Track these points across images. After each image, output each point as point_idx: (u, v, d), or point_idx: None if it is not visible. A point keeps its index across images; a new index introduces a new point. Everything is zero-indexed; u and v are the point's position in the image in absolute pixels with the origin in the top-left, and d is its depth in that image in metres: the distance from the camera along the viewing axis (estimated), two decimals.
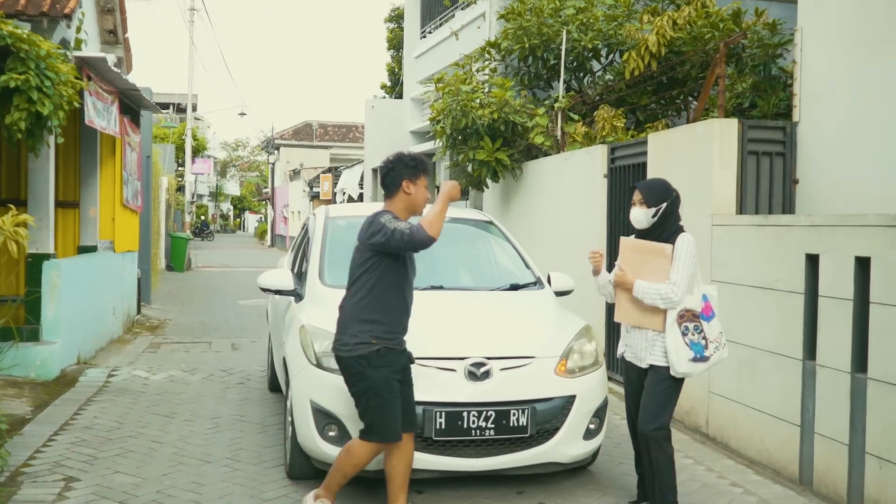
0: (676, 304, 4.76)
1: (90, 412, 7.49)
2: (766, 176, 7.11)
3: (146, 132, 15.02)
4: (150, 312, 14.90)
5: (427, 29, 19.61)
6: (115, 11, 11.55)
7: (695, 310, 4.81)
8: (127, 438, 6.67)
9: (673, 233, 4.89)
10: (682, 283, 4.74)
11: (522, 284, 6.36)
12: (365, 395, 4.67)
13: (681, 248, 4.79)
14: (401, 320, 4.79)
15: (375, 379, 4.65)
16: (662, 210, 4.88)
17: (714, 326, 4.86)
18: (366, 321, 4.67)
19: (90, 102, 9.57)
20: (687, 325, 4.79)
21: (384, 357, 4.67)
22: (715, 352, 4.83)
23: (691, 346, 4.77)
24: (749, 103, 9.91)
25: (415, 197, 4.80)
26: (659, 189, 4.96)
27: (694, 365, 4.78)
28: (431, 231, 4.51)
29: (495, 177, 11.90)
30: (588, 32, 11.76)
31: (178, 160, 28.88)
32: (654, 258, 4.84)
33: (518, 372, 5.20)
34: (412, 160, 4.83)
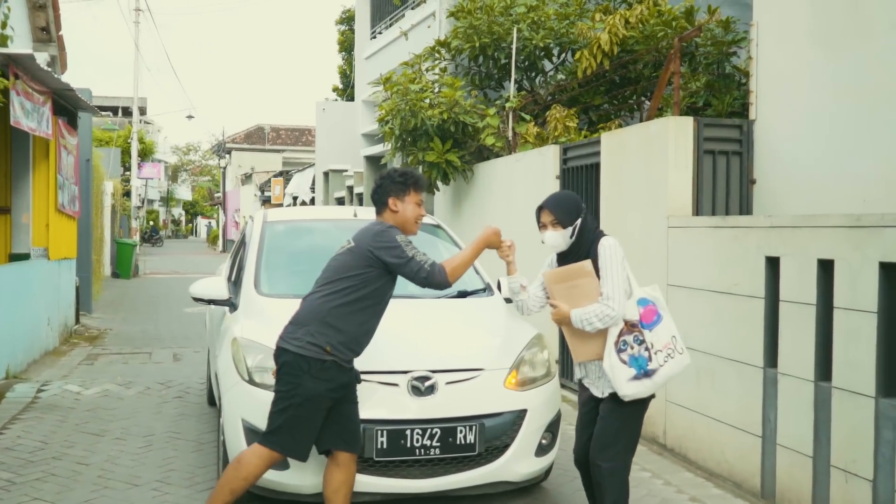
0: (616, 319, 4.21)
1: (13, 432, 7.02)
2: (723, 176, 6.87)
3: (85, 135, 14.47)
4: (90, 322, 14.35)
5: (377, 29, 19.27)
6: (48, 8, 11.03)
7: (632, 319, 4.23)
8: (50, 460, 6.22)
9: (591, 243, 4.31)
10: (617, 294, 4.18)
11: (471, 291, 6.03)
12: (288, 400, 4.32)
13: (604, 256, 4.23)
14: (362, 339, 4.47)
15: (309, 389, 4.30)
16: (578, 227, 4.32)
17: (661, 332, 4.25)
18: (329, 325, 4.33)
19: (17, 102, 9.09)
20: (625, 338, 4.22)
21: (328, 371, 4.32)
22: (666, 360, 4.22)
23: (630, 362, 4.19)
24: (703, 102, 9.72)
25: (403, 214, 4.55)
26: (571, 205, 4.38)
27: (637, 384, 4.17)
28: (451, 278, 4.33)
29: (446, 179, 11.59)
30: (539, 31, 11.50)
31: (124, 164, 28.14)
32: (579, 281, 4.29)
33: (465, 385, 4.88)
34: (400, 176, 4.56)
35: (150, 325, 14.58)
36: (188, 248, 57.29)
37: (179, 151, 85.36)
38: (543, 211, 4.42)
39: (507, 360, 5.11)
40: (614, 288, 4.19)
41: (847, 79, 6.30)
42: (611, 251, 4.24)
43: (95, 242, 17.96)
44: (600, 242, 4.27)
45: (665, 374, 4.25)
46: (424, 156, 11.38)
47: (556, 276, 4.42)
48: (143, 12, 28.36)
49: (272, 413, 4.36)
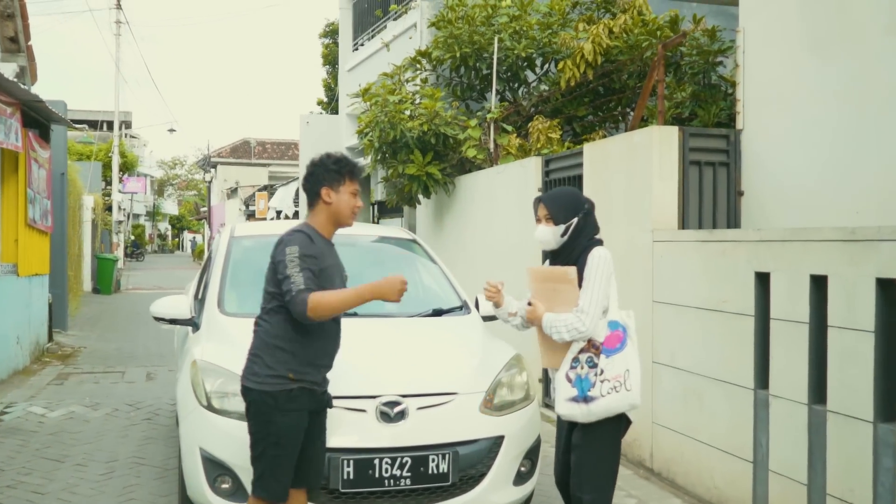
0: (586, 335, 3.89)
1: None
2: (710, 188, 6.62)
3: (59, 148, 14.13)
4: (64, 339, 13.98)
5: (359, 41, 19.01)
6: (16, 17, 10.73)
7: (595, 339, 3.93)
8: (4, 489, 5.90)
9: (584, 250, 4.02)
10: (593, 310, 3.88)
11: (447, 309, 5.73)
12: (263, 441, 3.96)
13: (591, 267, 3.93)
14: (324, 351, 4.05)
15: (281, 425, 3.94)
16: (573, 227, 4.04)
17: (617, 362, 3.92)
18: (281, 350, 3.93)
19: None
20: (580, 356, 3.95)
21: (297, 399, 3.94)
22: (609, 394, 3.87)
23: (575, 381, 3.92)
24: (689, 113, 9.49)
25: (336, 206, 4.04)
26: (568, 202, 4.10)
27: (573, 406, 3.91)
28: (311, 313, 3.77)
29: (426, 192, 11.30)
30: (521, 41, 11.25)
31: (106, 178, 27.78)
32: (560, 286, 4.01)
33: (438, 411, 4.57)
34: (335, 163, 4.07)
35: (127, 342, 14.22)
36: (173, 262, 56.77)
37: (165, 166, 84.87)
38: (540, 204, 4.15)
39: (482, 383, 4.81)
40: (591, 302, 3.90)
41: (837, 85, 6.06)
42: (599, 263, 3.95)
43: (72, 258, 17.59)
44: (591, 251, 3.98)
45: (603, 406, 3.91)
46: (405, 168, 11.10)
47: (540, 274, 4.19)
48: (123, 24, 28.05)
49: (252, 458, 4.00)
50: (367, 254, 6.32)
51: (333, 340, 4.11)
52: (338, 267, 4.16)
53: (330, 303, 3.83)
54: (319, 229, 4.07)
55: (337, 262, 4.17)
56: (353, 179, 4.10)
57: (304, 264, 3.86)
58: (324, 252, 4.02)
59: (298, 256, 3.87)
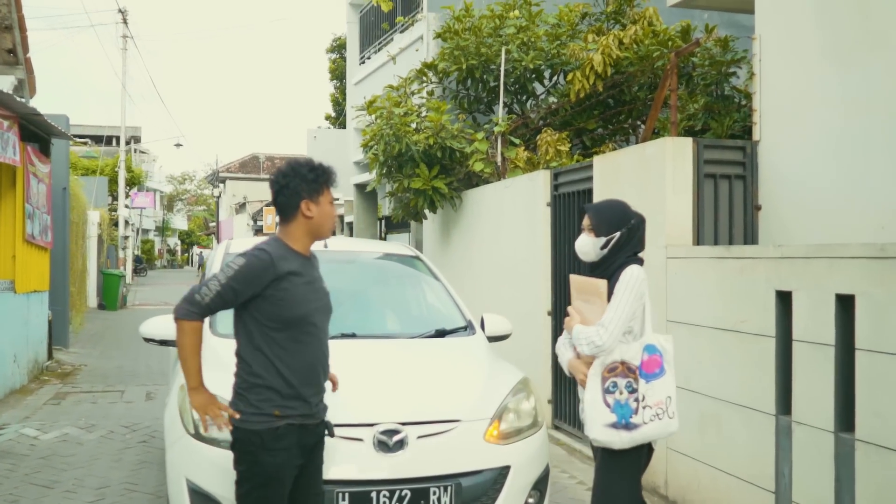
0: (602, 351, 3.75)
1: None
2: (726, 201, 6.34)
3: (61, 162, 13.93)
4: (65, 357, 13.73)
5: (366, 54, 18.84)
6: (14, 29, 10.53)
7: (630, 362, 3.78)
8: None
9: (621, 266, 3.88)
10: (614, 326, 3.73)
11: (450, 330, 5.45)
12: (249, 481, 3.64)
13: (622, 283, 3.79)
14: (309, 381, 3.69)
15: (268, 466, 3.61)
16: (615, 240, 3.90)
17: (659, 388, 3.81)
18: (264, 388, 3.61)
19: None
20: (616, 380, 3.77)
21: (285, 437, 3.62)
22: (651, 421, 3.76)
23: (615, 407, 3.75)
24: (702, 125, 9.23)
25: (318, 219, 3.71)
26: (613, 214, 3.97)
27: (612, 433, 3.73)
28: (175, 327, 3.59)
29: (433, 207, 11.05)
30: (529, 52, 11.02)
31: (112, 193, 27.64)
32: (592, 298, 3.89)
33: (439, 440, 4.29)
34: (311, 171, 3.70)
35: (129, 360, 13.97)
36: (181, 277, 56.57)
37: (175, 181, 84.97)
38: (585, 214, 4.05)
39: (487, 409, 4.53)
40: (614, 319, 3.74)
41: (858, 94, 5.79)
42: (631, 280, 3.81)
43: (75, 273, 17.40)
44: (626, 268, 3.84)
45: (647, 433, 3.79)
46: (410, 182, 10.85)
47: (578, 285, 4.04)
48: (129, 39, 27.96)
49: (238, 496, 3.70)
50: (367, 272, 6.07)
51: (320, 366, 3.78)
52: (318, 282, 3.84)
53: (182, 345, 3.59)
54: (294, 244, 3.72)
55: (317, 277, 3.85)
56: (331, 187, 3.79)
57: (234, 284, 3.55)
58: (300, 271, 3.69)
59: (238, 273, 3.56)
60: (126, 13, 27.80)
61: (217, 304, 3.57)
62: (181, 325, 3.57)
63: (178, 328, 3.58)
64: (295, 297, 3.63)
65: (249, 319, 3.64)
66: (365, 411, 4.27)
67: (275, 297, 3.59)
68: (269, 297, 3.59)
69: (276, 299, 3.59)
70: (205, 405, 3.62)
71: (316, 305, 3.73)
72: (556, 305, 8.19)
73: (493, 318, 5.70)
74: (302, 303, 3.64)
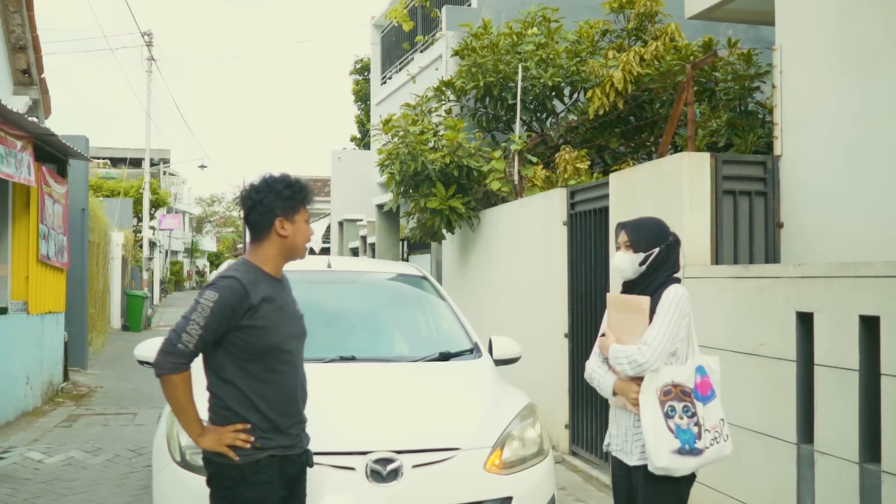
0: (644, 370, 3.57)
1: None
2: (746, 219, 6.07)
3: (79, 183, 13.87)
4: (81, 378, 13.64)
5: (387, 74, 18.77)
6: (28, 49, 10.51)
7: (685, 385, 3.62)
8: None
9: (661, 285, 3.75)
10: (657, 344, 3.57)
11: (455, 353, 5.22)
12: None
13: (665, 302, 3.64)
14: (288, 411, 3.47)
15: (249, 500, 3.39)
16: (654, 257, 3.77)
17: (713, 411, 3.67)
18: (237, 415, 3.39)
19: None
20: (673, 404, 3.60)
21: (266, 470, 3.39)
22: (712, 444, 3.61)
23: (677, 432, 3.56)
24: (724, 141, 8.96)
25: (292, 239, 3.47)
26: (651, 230, 3.85)
27: (679, 459, 3.54)
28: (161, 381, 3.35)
29: (450, 227, 10.85)
30: (548, 69, 10.82)
31: (137, 215, 27.73)
32: (632, 315, 3.72)
33: (437, 469, 4.06)
34: (287, 187, 3.46)
35: (146, 382, 13.80)
36: None
37: (203, 203, 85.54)
38: (621, 231, 3.89)
39: (489, 437, 4.29)
40: (657, 337, 3.59)
41: (883, 106, 5.52)
42: (674, 300, 3.67)
43: (96, 294, 17.36)
44: (668, 287, 3.71)
45: (709, 457, 3.63)
46: (427, 202, 10.66)
47: (616, 303, 3.88)
48: (154, 61, 28.13)
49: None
50: (371, 292, 5.87)
51: (299, 395, 3.55)
52: (290, 305, 3.59)
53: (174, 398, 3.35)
54: (265, 266, 3.48)
55: (289, 300, 3.60)
56: (307, 205, 3.54)
57: (213, 323, 3.31)
58: (272, 296, 3.45)
59: (214, 310, 3.31)
60: (151, 35, 28.06)
61: (200, 348, 3.34)
62: (170, 380, 3.32)
63: (167, 383, 3.32)
64: (269, 325, 3.40)
65: (219, 352, 3.41)
66: (358, 438, 4.06)
67: (249, 328, 3.36)
68: (243, 328, 3.36)
69: (251, 330, 3.36)
70: (217, 441, 3.37)
71: (289, 332, 3.50)
72: (573, 327, 7.94)
73: (502, 341, 5.47)
74: (275, 331, 3.42)
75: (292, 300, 3.65)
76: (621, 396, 3.72)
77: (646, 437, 3.57)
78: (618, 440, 3.81)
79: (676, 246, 3.86)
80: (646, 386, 3.60)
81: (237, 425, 3.38)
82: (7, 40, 10.45)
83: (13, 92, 10.79)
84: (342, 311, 5.66)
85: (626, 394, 3.68)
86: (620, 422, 3.80)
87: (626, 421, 3.76)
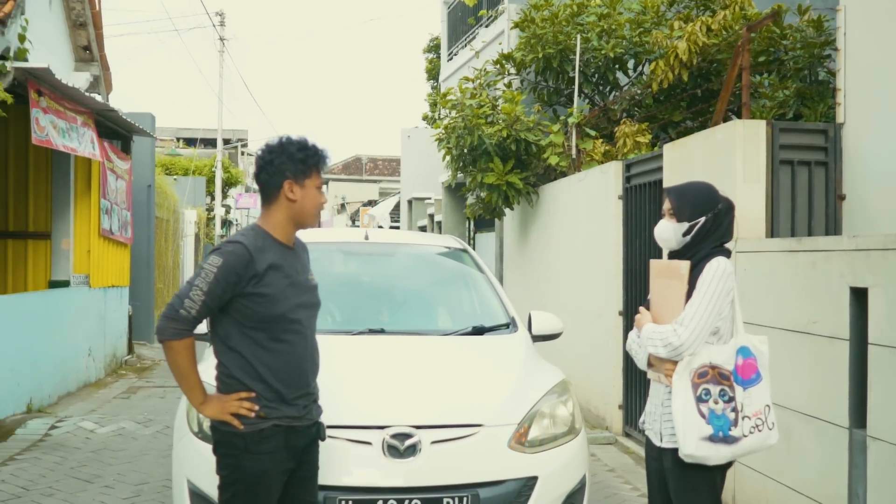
0: (680, 353, 3.31)
1: (1, 475, 6.36)
2: (804, 190, 5.73)
3: (145, 160, 14.08)
4: (146, 352, 13.85)
5: (453, 50, 18.56)
6: (88, 26, 10.60)
7: (723, 367, 3.35)
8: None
9: (705, 257, 3.45)
10: (695, 324, 3.30)
11: (490, 327, 5.03)
12: (232, 487, 3.31)
13: (705, 277, 3.35)
14: (295, 383, 3.35)
15: (250, 471, 3.28)
16: (699, 226, 3.46)
17: (756, 396, 3.39)
18: (242, 384, 3.28)
19: (45, 120, 8.59)
20: (708, 387, 3.33)
21: (270, 439, 3.28)
22: (751, 433, 3.35)
23: (710, 418, 3.31)
24: (793, 112, 8.55)
25: (301, 204, 3.33)
26: (698, 197, 3.53)
27: (710, 447, 3.29)
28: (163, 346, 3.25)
29: (507, 202, 10.63)
30: (610, 40, 10.48)
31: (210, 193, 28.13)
32: (672, 281, 3.45)
33: (456, 445, 3.89)
34: (300, 150, 3.33)
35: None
36: None
37: None
38: (666, 197, 3.62)
39: (515, 413, 4.10)
40: (695, 316, 3.31)
41: None
42: (715, 275, 3.36)
43: (165, 270, 17.62)
44: (710, 260, 3.40)
45: (748, 447, 3.37)
46: (483, 177, 10.45)
47: (658, 268, 3.64)
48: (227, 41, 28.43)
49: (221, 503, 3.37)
50: (408, 265, 5.71)
51: (308, 367, 3.41)
52: (303, 275, 3.44)
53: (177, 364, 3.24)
54: (275, 233, 3.36)
55: (300, 269, 3.44)
56: (321, 172, 3.38)
57: (217, 289, 3.20)
58: (280, 263, 3.32)
59: (217, 276, 3.20)
60: (223, 16, 28.35)
61: (203, 314, 3.24)
62: (172, 346, 3.23)
63: (170, 349, 3.24)
64: (275, 293, 3.27)
65: (225, 319, 3.30)
66: (375, 412, 3.92)
67: (253, 295, 3.25)
68: (247, 294, 3.24)
69: (256, 297, 3.25)
70: (221, 410, 3.27)
71: (298, 301, 3.36)
72: (628, 305, 7.68)
73: (542, 316, 5.26)
74: (281, 300, 3.29)
75: (305, 269, 3.50)
76: (656, 369, 3.49)
77: (675, 421, 3.34)
78: (650, 418, 3.60)
79: (728, 213, 3.54)
80: (681, 366, 3.34)
81: (241, 394, 3.27)
82: (68, 17, 10.56)
83: (74, 68, 10.91)
84: (376, 283, 5.53)
85: (661, 370, 3.45)
86: (653, 398, 3.58)
87: (657, 398, 3.54)
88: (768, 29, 9.14)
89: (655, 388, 3.57)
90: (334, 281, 5.37)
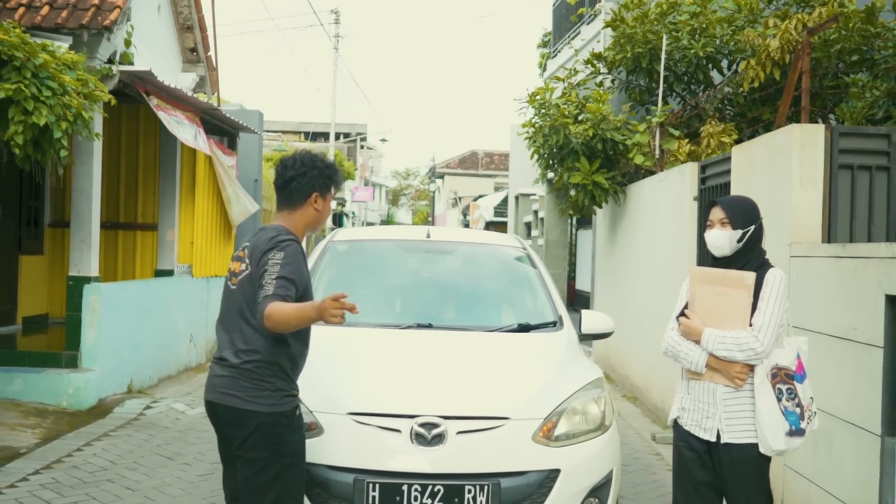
0: (760, 358, 3.63)
1: (93, 449, 6.90)
2: (864, 196, 5.65)
3: (252, 155, 14.69)
4: None
5: (557, 47, 18.62)
6: (195, 29, 11.20)
7: (788, 368, 3.67)
8: (103, 482, 6.01)
9: (760, 266, 3.77)
10: (769, 330, 3.62)
11: (535, 325, 5.20)
12: (277, 463, 3.58)
13: (771, 286, 3.68)
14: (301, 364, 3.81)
15: (294, 443, 3.65)
16: (750, 234, 3.79)
17: (807, 390, 3.74)
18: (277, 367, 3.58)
19: (168, 118, 9.19)
20: (780, 387, 3.66)
21: (299, 417, 3.73)
22: (808, 423, 3.72)
23: (787, 415, 3.64)
24: (882, 113, 8.35)
25: (321, 214, 3.82)
26: (746, 206, 3.88)
27: (790, 440, 3.64)
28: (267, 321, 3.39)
29: (594, 202, 10.69)
30: (700, 39, 10.40)
31: None
32: (731, 290, 3.68)
33: (481, 437, 4.09)
34: (328, 168, 3.79)
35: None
36: None
37: (399, 176, 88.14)
38: (714, 208, 3.92)
39: (543, 408, 4.26)
40: (770, 323, 3.63)
41: None
42: (780, 285, 3.72)
43: None
44: (770, 271, 3.75)
45: (808, 435, 3.77)
46: (570, 176, 10.55)
47: (706, 276, 3.86)
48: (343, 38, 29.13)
49: (259, 486, 3.57)
50: (464, 262, 5.92)
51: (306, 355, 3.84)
52: None
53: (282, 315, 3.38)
54: (295, 233, 3.73)
55: None
56: (338, 188, 3.89)
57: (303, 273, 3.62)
58: None
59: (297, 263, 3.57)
60: (338, 14, 29.10)
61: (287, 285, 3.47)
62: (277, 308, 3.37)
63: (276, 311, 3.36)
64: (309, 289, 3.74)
65: None
66: (406, 402, 4.16)
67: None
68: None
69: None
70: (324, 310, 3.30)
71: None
72: None
73: (592, 315, 5.42)
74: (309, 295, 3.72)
75: None
76: (717, 372, 3.73)
77: (761, 421, 3.63)
78: (694, 415, 3.85)
79: (763, 228, 3.89)
80: (760, 369, 3.65)
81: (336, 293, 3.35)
82: (176, 21, 11.18)
83: (182, 69, 11.54)
84: (432, 279, 5.77)
85: (728, 370, 3.69)
86: (698, 396, 3.83)
87: (705, 396, 3.80)
88: (861, 30, 8.94)
89: (703, 387, 3.80)
90: (392, 276, 5.66)
